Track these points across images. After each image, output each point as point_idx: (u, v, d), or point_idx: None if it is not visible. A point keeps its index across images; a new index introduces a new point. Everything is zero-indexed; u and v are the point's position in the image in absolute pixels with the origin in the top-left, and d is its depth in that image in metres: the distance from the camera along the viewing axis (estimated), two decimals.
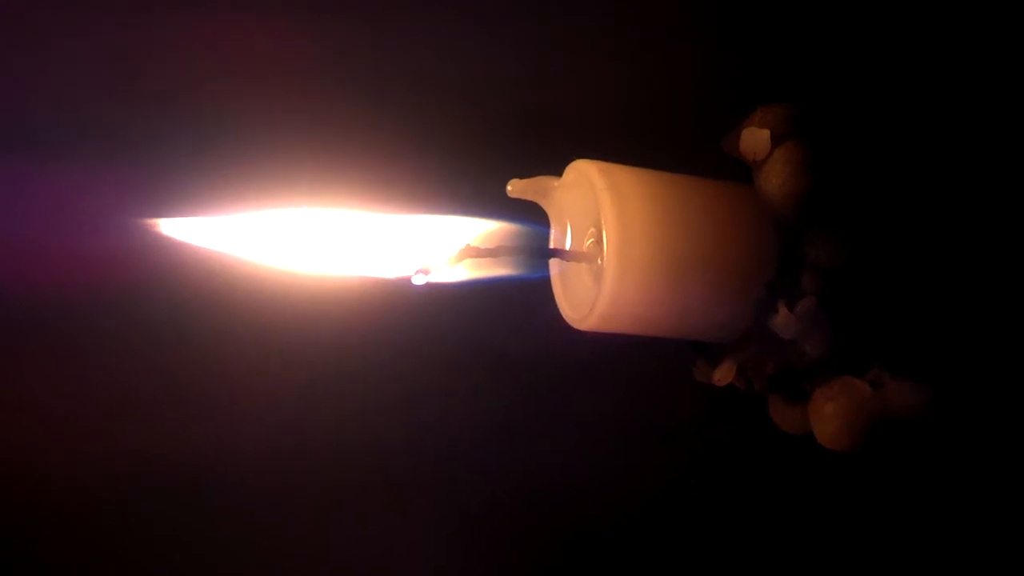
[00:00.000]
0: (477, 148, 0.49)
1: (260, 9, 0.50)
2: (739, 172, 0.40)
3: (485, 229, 0.40)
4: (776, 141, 0.39)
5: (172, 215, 0.39)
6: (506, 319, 0.48)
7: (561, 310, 0.41)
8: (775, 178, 0.39)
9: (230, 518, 0.53)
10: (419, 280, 0.39)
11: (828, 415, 0.40)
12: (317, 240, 0.40)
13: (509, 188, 0.41)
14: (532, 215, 0.41)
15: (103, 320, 0.51)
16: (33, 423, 0.52)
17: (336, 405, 0.52)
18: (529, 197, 0.41)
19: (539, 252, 0.40)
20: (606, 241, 0.37)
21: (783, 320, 0.39)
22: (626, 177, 0.38)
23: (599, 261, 0.38)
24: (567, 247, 0.40)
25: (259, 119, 0.50)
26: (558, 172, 0.40)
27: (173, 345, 0.51)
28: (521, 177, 0.41)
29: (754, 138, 0.39)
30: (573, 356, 0.47)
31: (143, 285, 0.49)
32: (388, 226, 0.40)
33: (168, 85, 0.50)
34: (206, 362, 0.51)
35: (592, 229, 0.39)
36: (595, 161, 0.39)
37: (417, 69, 0.51)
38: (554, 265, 0.41)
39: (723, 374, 0.41)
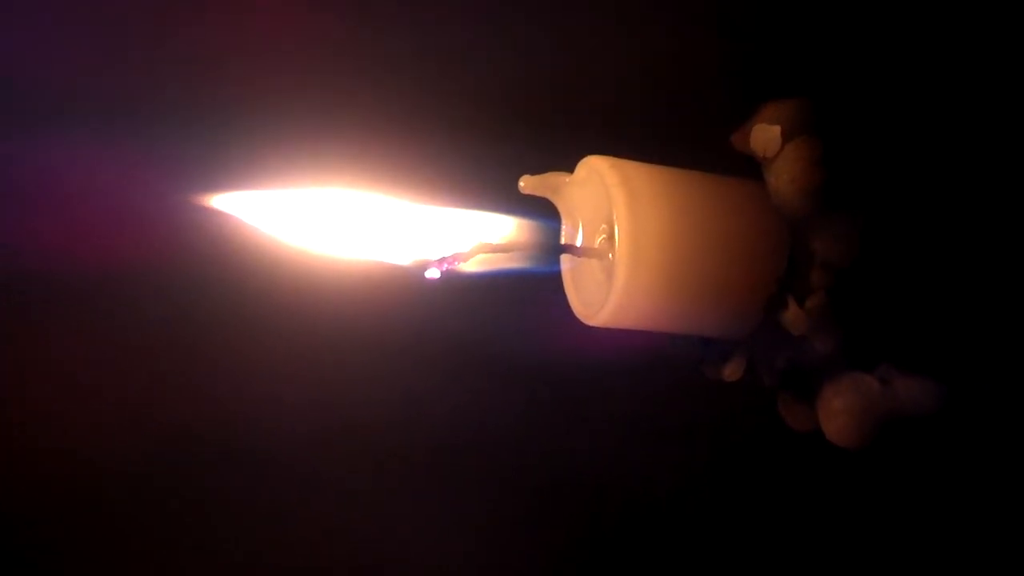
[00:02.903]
0: (489, 144, 0.50)
1: None
2: (749, 168, 0.40)
3: (497, 224, 0.40)
4: (786, 137, 0.39)
5: (196, 193, 0.39)
6: (518, 314, 0.49)
7: (572, 306, 0.41)
8: (785, 174, 0.39)
9: (250, 493, 0.53)
10: (432, 274, 0.39)
11: (837, 411, 0.40)
12: (335, 222, 0.40)
13: (521, 184, 0.41)
14: (544, 211, 0.41)
15: (123, 297, 0.51)
16: (64, 398, 0.52)
17: (350, 394, 0.53)
18: (541, 193, 0.41)
19: (551, 248, 0.40)
20: (617, 237, 0.38)
21: (793, 316, 0.39)
22: (637, 173, 0.39)
23: (610, 257, 0.38)
24: (578, 243, 0.40)
25: (272, 107, 0.51)
26: (570, 168, 0.41)
27: (194, 323, 0.52)
28: (533, 173, 0.41)
29: (764, 134, 0.40)
30: (584, 351, 0.47)
31: (171, 261, 0.50)
32: (404, 216, 0.40)
33: (198, 65, 0.50)
34: (224, 341, 0.52)
35: (603, 225, 0.39)
36: (606, 157, 0.39)
37: (431, 65, 0.51)
38: (565, 261, 0.41)
39: (733, 370, 0.41)
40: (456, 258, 0.39)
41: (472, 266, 0.40)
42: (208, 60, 0.50)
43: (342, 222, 0.40)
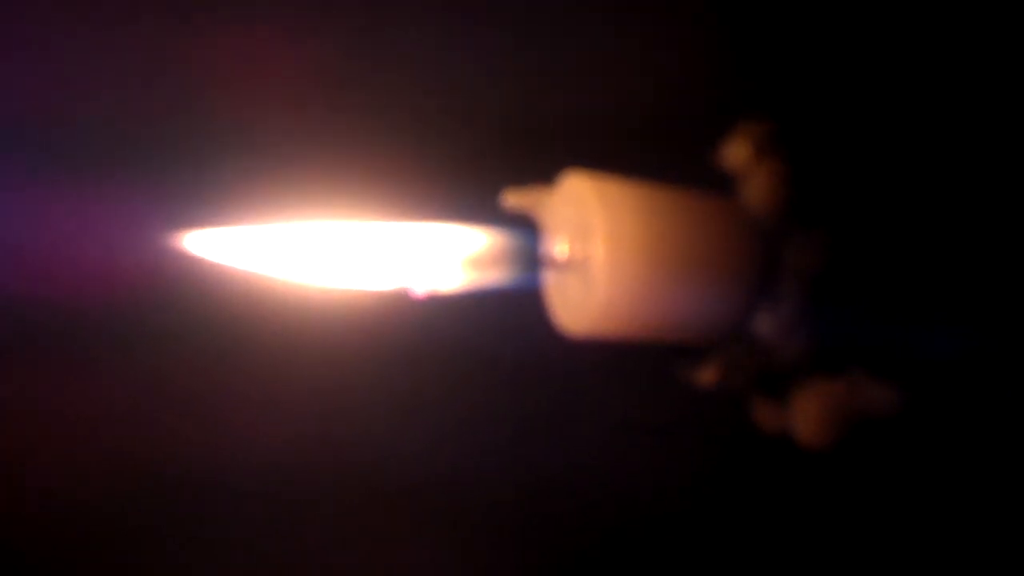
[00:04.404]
0: (471, 158, 0.50)
1: (259, 22, 0.50)
2: (725, 184, 0.42)
3: (480, 239, 0.41)
4: (758, 156, 0.41)
5: (175, 228, 0.40)
6: (501, 328, 0.49)
7: (555, 318, 0.42)
8: (757, 191, 0.41)
9: (235, 529, 0.53)
10: (416, 291, 0.40)
11: (806, 414, 0.41)
12: (315, 252, 0.40)
13: (504, 199, 0.42)
14: (526, 225, 0.42)
15: (112, 331, 0.51)
16: (44, 432, 0.52)
17: (335, 416, 0.53)
18: (524, 208, 0.42)
19: (533, 261, 0.41)
20: (597, 250, 0.39)
21: (765, 323, 0.41)
22: (617, 189, 0.40)
23: (591, 269, 0.39)
24: (561, 257, 0.41)
25: (250, 132, 0.51)
26: (551, 183, 0.42)
27: (179, 357, 0.51)
28: (515, 187, 0.42)
29: (737, 153, 0.41)
30: (567, 362, 0.48)
31: (151, 297, 0.50)
32: (383, 237, 0.41)
33: (168, 100, 0.50)
34: (210, 373, 0.51)
35: (585, 238, 0.40)
36: (588, 173, 0.40)
37: (411, 80, 0.51)
38: (548, 274, 0.42)
39: (708, 376, 0.43)
40: (439, 276, 0.40)
41: (456, 282, 0.41)
42: (184, 96, 0.50)
43: (323, 251, 0.40)
